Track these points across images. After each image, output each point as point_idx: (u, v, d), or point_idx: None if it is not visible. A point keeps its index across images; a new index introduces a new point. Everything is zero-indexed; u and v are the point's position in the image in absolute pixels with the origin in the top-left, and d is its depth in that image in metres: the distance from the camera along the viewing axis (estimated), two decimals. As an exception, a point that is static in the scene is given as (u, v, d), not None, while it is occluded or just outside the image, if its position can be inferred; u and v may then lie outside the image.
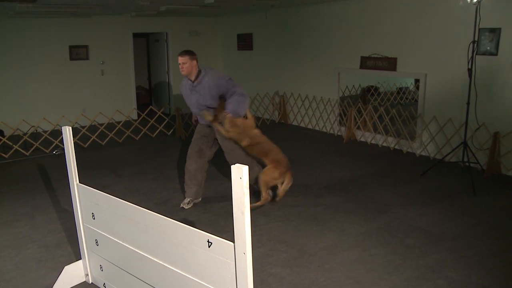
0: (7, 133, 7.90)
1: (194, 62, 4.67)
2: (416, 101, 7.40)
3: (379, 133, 7.69)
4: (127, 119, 9.09)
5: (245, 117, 4.79)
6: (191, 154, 4.96)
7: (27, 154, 7.42)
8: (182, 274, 2.54)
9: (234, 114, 4.60)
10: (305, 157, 7.05)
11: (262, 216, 4.75)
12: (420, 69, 7.01)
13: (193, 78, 4.71)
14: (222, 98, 4.70)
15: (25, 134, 7.76)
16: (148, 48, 12.66)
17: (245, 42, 10.74)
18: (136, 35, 10.94)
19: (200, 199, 5.15)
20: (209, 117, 4.68)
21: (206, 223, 4.59)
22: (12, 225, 4.68)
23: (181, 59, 4.62)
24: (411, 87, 9.05)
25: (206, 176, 5.13)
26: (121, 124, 8.54)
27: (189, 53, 4.66)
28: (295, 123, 9.69)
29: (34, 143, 7.59)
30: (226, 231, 4.26)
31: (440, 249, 3.93)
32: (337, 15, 8.38)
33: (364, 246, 4.03)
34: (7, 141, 7.32)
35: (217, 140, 4.92)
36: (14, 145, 7.34)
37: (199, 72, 4.70)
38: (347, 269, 3.64)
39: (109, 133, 8.27)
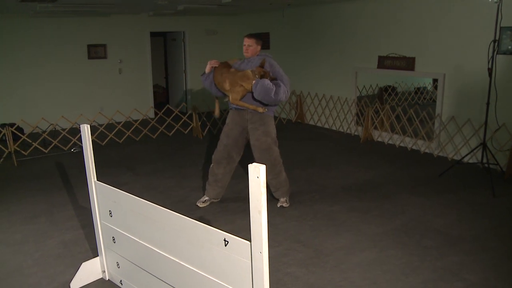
0: (27, 131, 8.02)
1: (259, 47, 4.69)
2: (434, 101, 7.32)
3: (396, 133, 7.63)
4: (144, 118, 9.14)
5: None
6: (220, 160, 4.82)
7: (46, 151, 7.51)
8: (198, 273, 2.55)
9: (258, 93, 4.37)
10: (322, 157, 7.03)
11: (278, 215, 4.74)
12: (439, 69, 6.93)
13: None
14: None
15: (44, 132, 7.86)
16: (165, 47, 12.72)
17: (262, 41, 10.71)
18: (153, 34, 11.00)
19: (219, 199, 5.14)
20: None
21: (223, 222, 4.60)
22: (32, 221, 4.75)
23: (247, 41, 4.62)
24: (429, 87, 8.96)
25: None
26: (138, 122, 8.61)
27: (256, 36, 4.68)
28: (311, 122, 9.66)
29: (52, 140, 7.68)
30: (243, 230, 4.26)
31: (458, 251, 3.88)
32: (354, 14, 8.33)
33: (381, 247, 4.00)
34: (26, 139, 7.42)
35: (245, 140, 4.81)
36: (33, 143, 7.43)
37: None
38: (363, 269, 3.62)
39: (126, 131, 8.33)
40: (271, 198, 5.03)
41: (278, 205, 4.95)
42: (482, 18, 6.19)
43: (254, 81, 4.36)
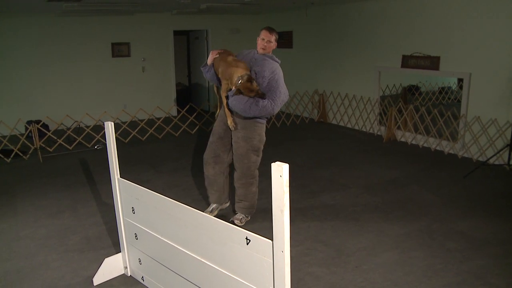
0: (52, 127, 8.15)
1: (275, 46, 4.34)
2: (459, 101, 7.20)
3: (420, 133, 7.53)
4: (167, 116, 9.21)
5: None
6: (207, 160, 4.51)
7: (70, 148, 7.63)
8: (220, 270, 2.56)
9: (231, 103, 4.09)
10: (344, 157, 6.98)
11: (300, 214, 4.72)
12: (464, 68, 6.81)
13: None
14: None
15: (68, 128, 7.98)
16: (188, 45, 12.78)
17: (284, 40, 10.70)
18: (176, 33, 11.06)
19: (228, 204, 4.80)
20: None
21: (243, 220, 4.60)
22: (56, 217, 4.82)
23: (267, 35, 4.24)
24: (454, 86, 8.81)
25: (230, 180, 4.66)
26: (161, 120, 8.67)
27: (276, 32, 4.32)
28: (334, 122, 9.60)
29: (77, 137, 7.79)
30: (264, 229, 4.26)
31: (483, 255, 3.81)
32: (378, 12, 8.25)
33: (403, 248, 3.95)
34: (52, 135, 7.55)
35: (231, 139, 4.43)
36: (58, 139, 7.55)
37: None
38: (385, 271, 3.58)
39: (149, 129, 8.40)
40: (294, 197, 5.02)
41: (230, 220, 4.46)
42: (509, 15, 6.06)
43: (230, 90, 4.09)
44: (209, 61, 4.43)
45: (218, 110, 4.57)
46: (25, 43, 9.04)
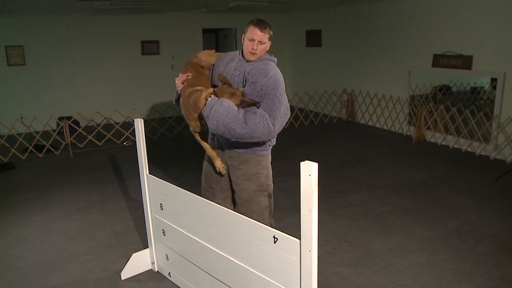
0: (82, 124, 8.30)
1: (269, 46, 3.05)
2: (492, 101, 7.04)
3: (450, 134, 7.38)
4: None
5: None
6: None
7: (100, 144, 7.75)
8: (247, 269, 2.56)
9: (208, 115, 2.73)
10: (372, 157, 6.90)
11: (327, 214, 4.69)
12: (498, 67, 6.64)
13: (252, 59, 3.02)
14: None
15: (98, 125, 8.11)
16: (217, 43, 12.84)
17: (313, 38, 10.65)
18: (205, 31, 11.12)
19: None
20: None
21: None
22: (85, 211, 4.92)
23: (259, 35, 2.93)
24: (487, 86, 8.62)
25: None
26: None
27: (270, 27, 3.00)
28: (362, 121, 9.51)
29: (106, 134, 7.91)
30: (290, 227, 4.24)
31: (515, 259, 3.72)
32: (408, 10, 8.12)
33: (432, 251, 3.89)
34: (82, 132, 7.69)
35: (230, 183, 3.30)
36: (88, 136, 7.69)
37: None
38: (413, 273, 3.53)
39: (177, 126, 8.48)
40: (321, 196, 4.98)
41: None
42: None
43: (206, 101, 2.78)
44: (179, 90, 3.18)
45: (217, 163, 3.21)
46: (57, 42, 9.23)
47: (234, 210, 3.19)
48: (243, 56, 3.06)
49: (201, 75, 3.08)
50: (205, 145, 3.21)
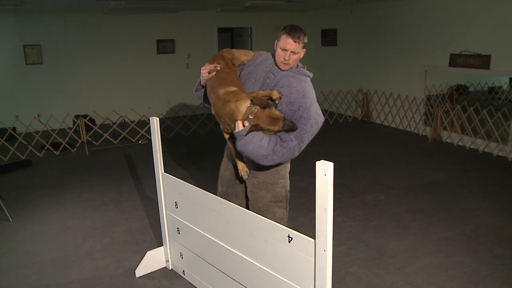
0: (98, 122, 8.37)
1: (303, 53, 2.92)
2: (511, 101, 6.93)
3: (467, 134, 7.30)
4: (210, 112, 9.26)
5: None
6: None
7: (115, 142, 7.81)
8: (261, 268, 2.56)
9: (240, 144, 2.68)
10: (388, 157, 6.85)
11: (342, 214, 4.67)
12: (517, 67, 6.55)
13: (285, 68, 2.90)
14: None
15: (114, 123, 8.17)
16: (232, 42, 12.85)
17: (329, 37, 10.61)
18: (220, 30, 11.14)
19: None
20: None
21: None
22: (101, 209, 4.96)
23: (292, 46, 2.78)
24: (505, 86, 8.50)
25: None
26: (204, 116, 8.76)
27: (305, 36, 2.83)
28: (378, 121, 9.45)
29: (122, 132, 7.97)
30: (305, 227, 4.23)
31: (533, 262, 3.66)
32: (424, 9, 8.04)
33: (447, 252, 3.85)
34: (98, 130, 7.75)
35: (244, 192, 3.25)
36: (104, 134, 7.75)
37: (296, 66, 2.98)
38: (428, 274, 3.50)
39: (192, 125, 8.51)
40: (336, 196, 4.96)
41: None
42: None
43: (238, 125, 2.67)
44: (203, 80, 3.10)
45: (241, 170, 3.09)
46: (73, 41, 9.32)
47: None
48: (275, 60, 2.93)
49: (231, 71, 2.97)
50: (232, 146, 3.08)
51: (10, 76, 8.96)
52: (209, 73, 2.96)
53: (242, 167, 3.04)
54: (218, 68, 2.94)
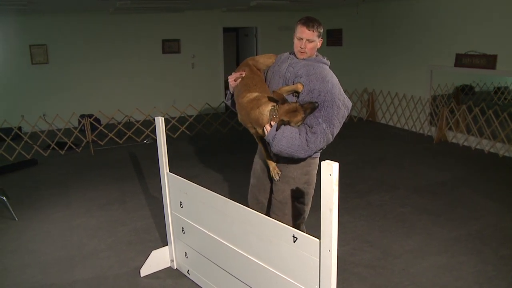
0: (103, 122, 8.39)
1: (320, 44, 2.98)
2: (517, 101, 6.90)
3: (472, 134, 7.27)
4: (216, 112, 9.28)
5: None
6: (251, 205, 3.34)
7: (121, 142, 7.83)
8: (266, 267, 2.56)
9: (271, 138, 2.75)
10: (393, 157, 6.84)
11: (347, 214, 4.67)
12: (523, 67, 6.52)
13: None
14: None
15: (119, 123, 8.19)
16: (237, 42, 12.85)
17: (334, 37, 10.59)
18: (226, 30, 11.14)
19: None
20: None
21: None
22: (105, 208, 4.97)
23: (307, 34, 2.86)
24: (511, 86, 8.46)
25: None
26: (209, 116, 8.77)
27: (319, 25, 2.89)
28: (383, 121, 9.42)
29: (127, 132, 7.99)
30: (310, 227, 4.23)
31: (539, 263, 3.64)
32: (430, 9, 8.01)
33: (453, 253, 3.83)
34: (103, 129, 7.78)
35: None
36: (109, 133, 7.77)
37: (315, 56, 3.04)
38: (433, 275, 3.49)
39: (197, 125, 8.52)
40: (341, 196, 4.95)
41: None
42: None
43: (267, 128, 2.77)
44: (231, 88, 3.15)
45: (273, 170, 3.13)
46: (79, 40, 9.34)
47: (269, 212, 3.20)
48: (294, 55, 3.03)
49: (255, 75, 3.06)
50: (263, 148, 3.14)
51: (16, 75, 9.00)
52: (235, 80, 3.08)
53: (273, 168, 3.07)
54: (243, 75, 3.05)
